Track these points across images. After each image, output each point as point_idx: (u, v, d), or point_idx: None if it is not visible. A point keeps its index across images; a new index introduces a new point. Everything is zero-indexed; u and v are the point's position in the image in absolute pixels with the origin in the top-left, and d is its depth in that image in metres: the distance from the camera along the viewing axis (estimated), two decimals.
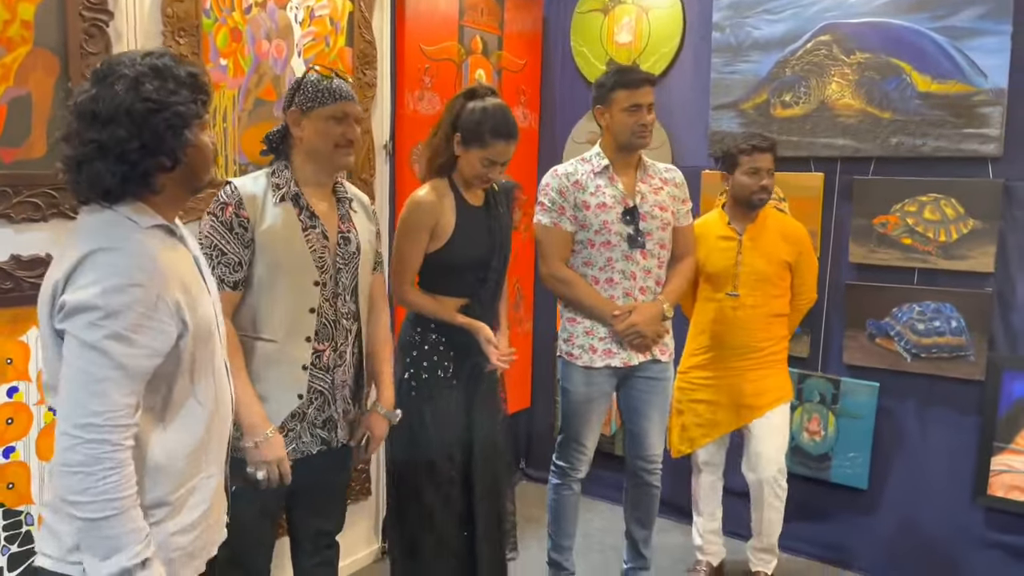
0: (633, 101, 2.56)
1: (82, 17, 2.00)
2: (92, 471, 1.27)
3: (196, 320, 1.42)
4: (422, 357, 2.39)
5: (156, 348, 1.35)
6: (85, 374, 1.29)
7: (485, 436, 2.46)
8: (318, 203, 2.03)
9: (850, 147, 3.11)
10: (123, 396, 1.31)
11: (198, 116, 1.40)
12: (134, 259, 1.33)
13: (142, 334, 1.32)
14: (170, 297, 1.36)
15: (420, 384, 2.38)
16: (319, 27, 2.70)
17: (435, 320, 2.37)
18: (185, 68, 1.42)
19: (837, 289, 3.22)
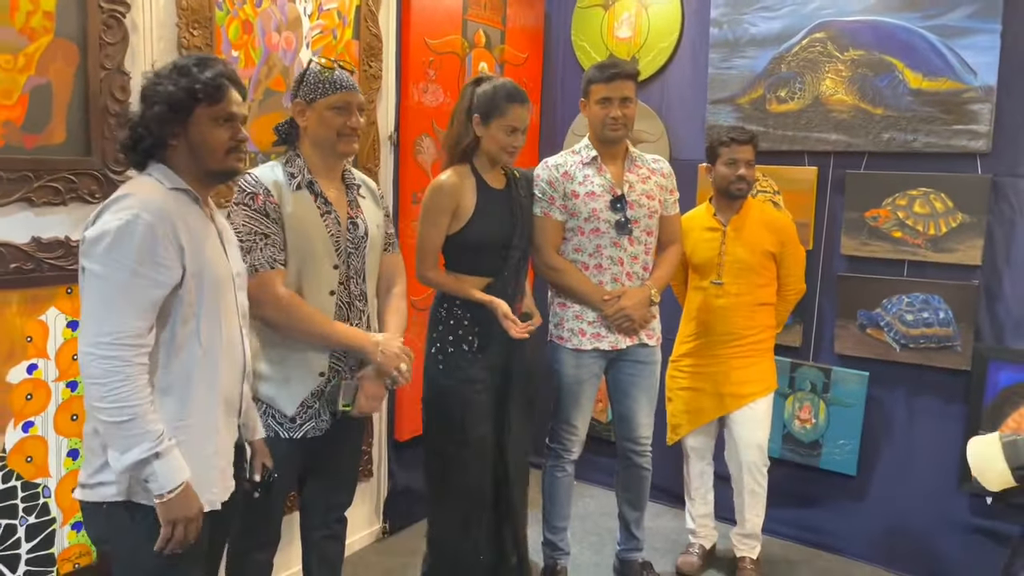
0: (604, 94, 2.66)
1: (101, 8, 2.07)
2: (107, 382, 1.50)
3: (202, 269, 1.63)
4: (447, 331, 2.51)
5: (160, 280, 1.56)
6: (98, 299, 1.53)
7: (515, 405, 2.58)
8: (328, 190, 2.13)
9: (843, 142, 3.19)
10: (132, 319, 1.52)
11: (194, 104, 1.63)
12: (144, 201, 1.56)
13: (146, 266, 1.53)
14: (175, 238, 1.58)
15: (446, 357, 2.50)
16: (327, 20, 2.77)
17: (460, 297, 2.48)
18: (202, 65, 1.66)
19: (829, 280, 3.30)
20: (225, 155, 1.68)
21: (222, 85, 1.65)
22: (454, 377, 2.50)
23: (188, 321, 1.62)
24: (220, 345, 1.69)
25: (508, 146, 2.45)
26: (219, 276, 1.69)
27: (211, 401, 1.68)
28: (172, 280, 1.58)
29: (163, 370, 1.61)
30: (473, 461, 2.51)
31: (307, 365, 2.10)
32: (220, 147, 1.67)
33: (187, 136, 1.66)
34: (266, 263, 1.99)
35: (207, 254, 1.66)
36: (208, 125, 1.65)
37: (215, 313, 1.67)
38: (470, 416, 2.49)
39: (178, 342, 1.62)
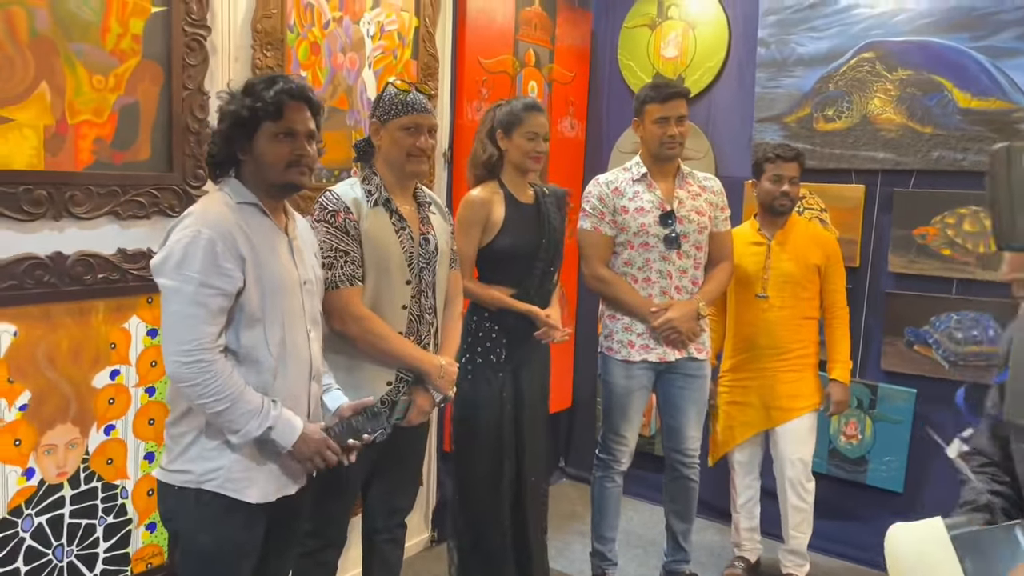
0: (661, 114, 2.74)
1: (184, 32, 2.18)
2: (198, 383, 1.65)
3: (263, 277, 1.74)
4: (477, 343, 2.62)
5: (224, 289, 1.67)
6: (175, 311, 1.66)
7: (534, 412, 2.68)
8: (401, 206, 2.22)
9: (891, 160, 3.22)
10: (206, 326, 1.66)
11: (258, 121, 1.74)
12: (205, 218, 1.69)
13: (211, 276, 1.65)
14: (236, 250, 1.69)
15: (475, 368, 2.61)
16: (388, 41, 2.87)
17: (489, 308, 2.60)
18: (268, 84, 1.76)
19: (876, 297, 3.32)
20: (285, 169, 1.77)
21: (281, 102, 1.74)
22: (481, 389, 2.59)
23: (252, 327, 1.73)
24: (285, 348, 1.79)
25: (532, 151, 2.56)
26: (284, 283, 1.79)
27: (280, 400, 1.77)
28: (235, 288, 1.69)
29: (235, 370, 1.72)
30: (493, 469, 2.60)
31: (376, 374, 2.18)
32: (280, 161, 1.76)
33: (252, 151, 1.77)
34: (346, 280, 2.08)
35: (271, 263, 1.76)
36: (270, 140, 1.76)
37: (279, 318, 1.77)
38: (493, 426, 2.58)
39: (244, 347, 1.73)
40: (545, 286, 2.68)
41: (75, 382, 2.05)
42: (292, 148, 1.77)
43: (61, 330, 2.00)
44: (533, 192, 2.69)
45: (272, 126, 1.75)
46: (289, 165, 1.78)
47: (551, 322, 2.60)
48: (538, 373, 2.74)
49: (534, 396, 2.71)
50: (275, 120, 1.75)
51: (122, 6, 2.03)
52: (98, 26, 1.99)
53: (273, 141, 1.76)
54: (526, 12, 3.51)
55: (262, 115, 1.74)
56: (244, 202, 1.78)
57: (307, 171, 1.82)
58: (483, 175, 2.65)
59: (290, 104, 1.76)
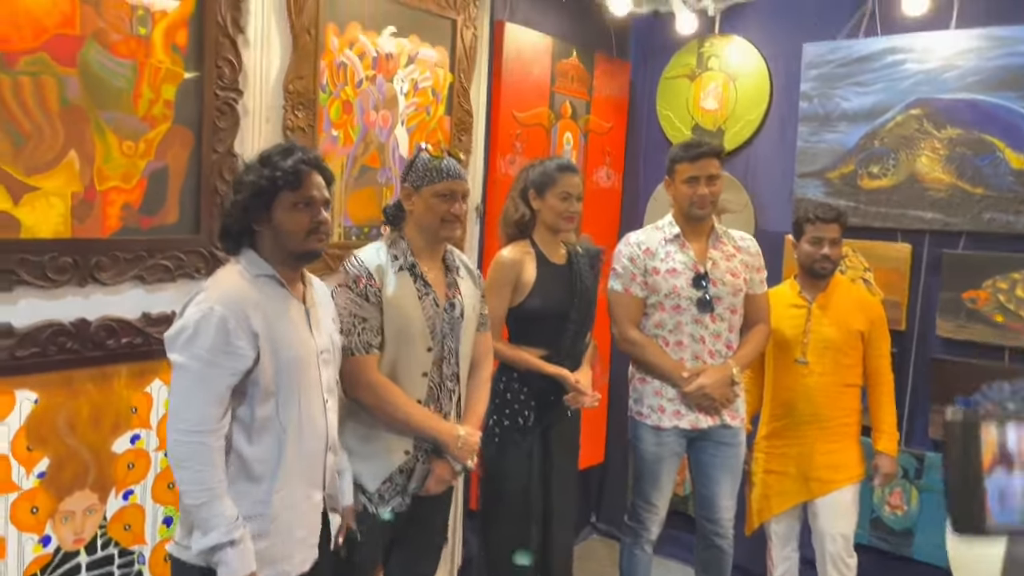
0: (691, 173, 2.67)
1: (216, 96, 2.18)
2: (189, 465, 1.64)
3: (278, 351, 1.73)
4: (505, 405, 2.57)
5: (234, 367, 1.67)
6: (181, 388, 1.67)
7: (562, 476, 2.62)
8: (429, 271, 2.20)
9: (939, 220, 3.10)
10: (209, 406, 1.65)
11: (276, 191, 1.74)
12: (220, 293, 1.69)
13: (221, 355, 1.65)
14: (248, 327, 1.68)
15: (503, 431, 2.56)
16: (422, 98, 2.86)
17: (517, 370, 2.56)
18: (285, 154, 1.77)
19: (923, 362, 3.18)
20: (305, 237, 1.77)
21: (301, 171, 1.75)
22: (509, 451, 2.54)
23: (267, 400, 1.73)
24: (300, 421, 1.78)
25: (565, 212, 2.52)
26: (299, 355, 1.78)
27: (292, 476, 1.77)
28: (245, 366, 1.69)
29: (246, 447, 1.72)
30: (520, 534, 2.54)
31: (393, 443, 2.14)
32: (300, 230, 1.76)
33: (271, 221, 1.77)
34: (362, 347, 2.06)
35: (286, 336, 1.76)
36: (288, 210, 1.76)
37: (293, 391, 1.76)
38: (521, 491, 2.53)
39: (258, 421, 1.73)
40: (576, 348, 2.62)
41: (95, 448, 2.03)
42: (311, 216, 1.78)
43: (82, 396, 1.99)
44: (566, 251, 2.65)
45: (291, 195, 1.76)
46: (309, 233, 1.79)
47: (580, 387, 2.54)
48: (568, 436, 2.67)
49: (563, 459, 2.64)
50: (294, 189, 1.76)
51: (155, 73, 2.04)
52: (130, 93, 2.00)
53: (292, 210, 1.76)
54: (563, 64, 3.49)
55: (281, 184, 1.74)
56: (261, 274, 1.78)
57: (325, 238, 1.83)
58: (515, 234, 2.62)
59: (308, 173, 1.78)
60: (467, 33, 2.99)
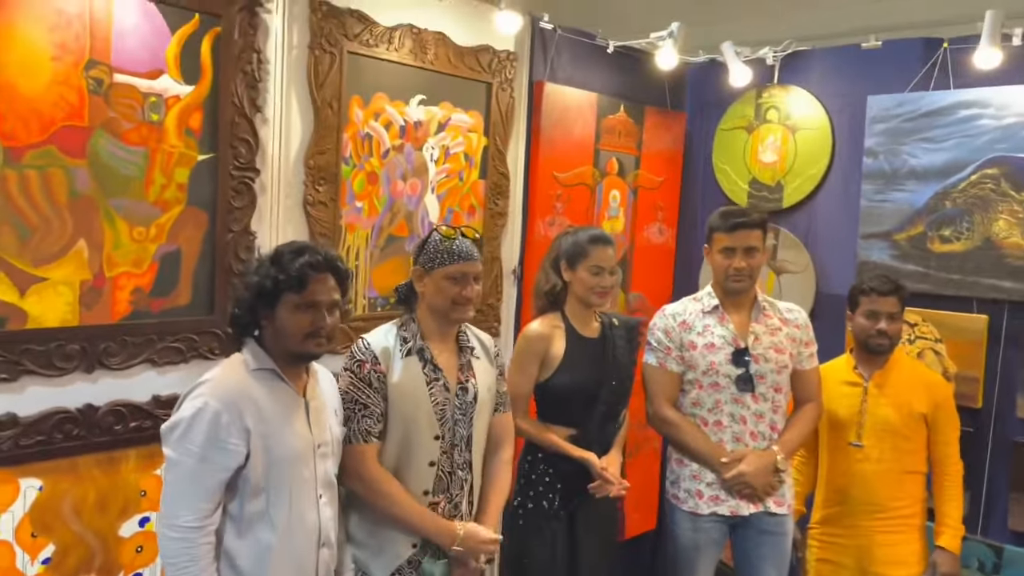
0: (727, 244, 2.49)
1: (231, 176, 2.18)
2: (176, 562, 1.64)
3: (271, 448, 1.71)
4: (529, 486, 2.46)
5: (225, 464, 1.67)
6: (172, 483, 1.67)
7: (590, 565, 2.46)
8: (440, 354, 2.11)
9: (1019, 291, 2.81)
10: (199, 502, 1.65)
11: (280, 292, 1.73)
12: (216, 388, 1.69)
13: (212, 451, 1.65)
14: (241, 423, 1.67)
15: (527, 513, 2.44)
16: (453, 164, 2.80)
17: (543, 450, 2.44)
18: (296, 254, 1.74)
19: (1002, 445, 2.89)
20: (303, 340, 1.76)
21: (305, 276, 1.74)
22: (532, 536, 2.41)
23: (256, 496, 1.71)
24: (290, 517, 1.75)
25: (596, 287, 2.41)
26: (294, 452, 1.76)
27: (282, 572, 1.74)
28: (237, 462, 1.68)
29: (235, 541, 1.71)
30: None
31: (399, 536, 2.05)
32: (299, 332, 1.75)
33: (274, 319, 1.76)
34: (360, 436, 1.99)
35: (282, 432, 1.74)
36: (290, 311, 1.75)
37: (284, 488, 1.74)
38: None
39: (248, 516, 1.71)
40: (607, 430, 2.48)
41: (101, 533, 2.03)
42: (312, 320, 1.77)
43: (88, 482, 1.99)
44: (600, 324, 2.52)
45: (294, 297, 1.75)
46: (307, 336, 1.78)
47: (607, 475, 2.38)
48: (599, 520, 2.49)
49: (592, 546, 2.47)
50: (298, 292, 1.75)
51: (167, 158, 2.05)
52: (141, 180, 2.01)
53: (294, 312, 1.76)
54: (610, 120, 3.37)
55: (284, 287, 1.74)
56: (261, 368, 1.77)
57: (325, 342, 1.81)
58: (545, 306, 2.52)
59: (315, 276, 1.77)
60: (503, 96, 2.92)
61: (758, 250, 2.52)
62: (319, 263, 1.76)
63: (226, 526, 1.72)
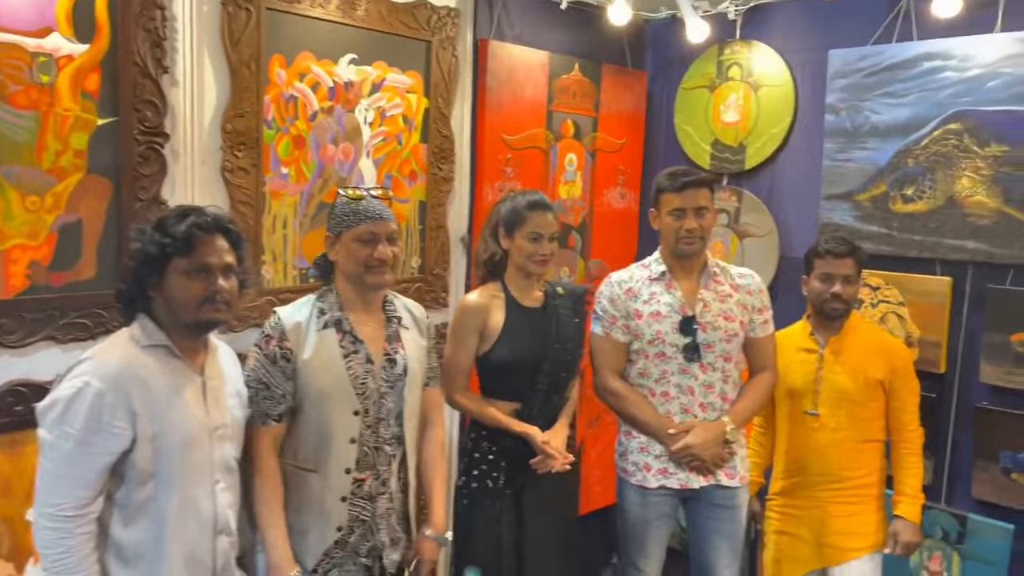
0: (677, 204, 2.37)
1: (137, 141, 2.06)
2: (50, 553, 1.54)
3: (162, 431, 1.61)
4: (473, 465, 2.38)
5: (107, 449, 1.56)
6: (47, 467, 1.56)
7: (539, 546, 2.37)
8: (363, 325, 2.02)
9: (983, 251, 2.70)
10: (76, 489, 1.54)
11: (166, 258, 1.63)
12: (99, 366, 1.58)
13: (93, 434, 1.54)
14: (127, 404, 1.57)
15: (471, 493, 2.37)
16: (391, 126, 2.67)
17: (486, 427, 2.36)
18: (179, 217, 1.65)
19: (966, 411, 2.79)
20: (198, 307, 1.65)
21: (193, 237, 1.63)
22: (477, 517, 2.33)
23: (144, 483, 1.61)
24: (182, 504, 1.65)
25: (535, 254, 2.30)
26: (187, 435, 1.66)
27: (175, 562, 1.65)
28: (121, 446, 1.58)
29: (122, 531, 1.61)
30: None
31: (325, 517, 1.98)
32: (192, 299, 1.65)
33: (163, 289, 1.66)
34: (258, 418, 1.91)
35: (173, 414, 1.64)
36: (180, 277, 1.64)
37: (176, 474, 1.64)
38: (490, 561, 2.31)
39: (135, 504, 1.61)
40: (552, 403, 2.38)
41: (7, 517, 1.95)
42: (205, 284, 1.66)
43: None
44: (543, 293, 2.41)
45: (183, 262, 1.64)
46: (202, 303, 1.66)
47: (549, 449, 2.28)
48: (549, 498, 2.38)
49: (541, 525, 2.37)
50: (186, 255, 1.64)
51: (61, 122, 1.93)
52: (32, 146, 1.89)
53: (185, 278, 1.65)
54: (563, 80, 3.23)
55: (171, 251, 1.63)
56: (153, 344, 1.66)
57: (223, 307, 1.70)
58: (486, 275, 2.41)
59: (203, 238, 1.65)
60: (444, 55, 2.78)
61: (708, 210, 2.40)
62: (207, 224, 1.66)
63: (112, 514, 1.62)
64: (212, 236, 1.67)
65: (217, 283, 1.66)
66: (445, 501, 2.23)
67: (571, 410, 2.46)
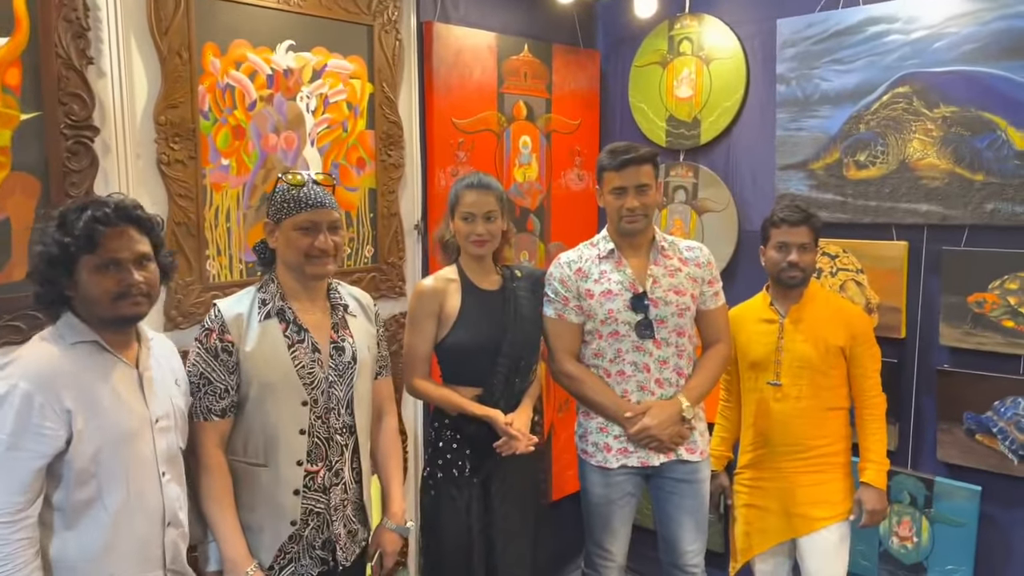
0: (618, 183, 2.36)
1: (64, 136, 1.99)
2: None
3: (99, 428, 1.55)
4: (437, 455, 2.34)
5: (40, 451, 1.50)
6: None
7: (508, 533, 2.34)
8: (307, 314, 1.97)
9: (937, 213, 2.69)
10: (10, 495, 1.48)
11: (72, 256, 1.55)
12: (26, 367, 1.52)
13: (24, 437, 1.49)
14: (58, 404, 1.51)
15: (436, 483, 2.33)
16: (335, 113, 2.62)
17: (449, 415, 2.32)
18: (79, 212, 1.57)
19: (927, 375, 2.79)
20: (112, 303, 1.59)
21: (94, 233, 1.55)
22: (444, 507, 2.30)
23: (86, 483, 1.56)
24: (128, 501, 1.61)
25: (469, 234, 2.27)
26: (126, 429, 1.61)
27: (123, 561, 1.61)
28: (55, 448, 1.52)
29: (65, 532, 1.56)
30: None
31: (278, 512, 1.93)
32: (105, 296, 1.58)
33: (77, 287, 1.59)
34: (201, 413, 1.87)
35: (109, 410, 1.59)
36: (90, 275, 1.58)
37: (118, 469, 1.60)
38: (459, 550, 2.28)
39: (77, 505, 1.56)
40: (513, 387, 2.34)
41: None
42: (118, 280, 1.59)
43: None
44: (500, 276, 2.37)
45: (90, 259, 1.57)
46: (116, 299, 1.59)
47: (512, 431, 2.24)
48: (517, 483, 2.35)
49: (509, 512, 2.33)
50: (91, 252, 1.56)
51: None
52: None
53: (95, 275, 1.58)
54: (513, 62, 3.19)
55: (75, 250, 1.55)
56: (79, 341, 1.60)
57: (142, 300, 1.63)
58: (444, 259, 2.39)
59: (106, 231, 1.57)
60: (387, 39, 2.73)
61: (650, 187, 2.38)
62: (106, 216, 1.57)
63: (53, 518, 1.56)
64: (117, 227, 1.59)
65: (131, 277, 1.59)
66: (403, 491, 2.20)
67: (535, 393, 2.42)
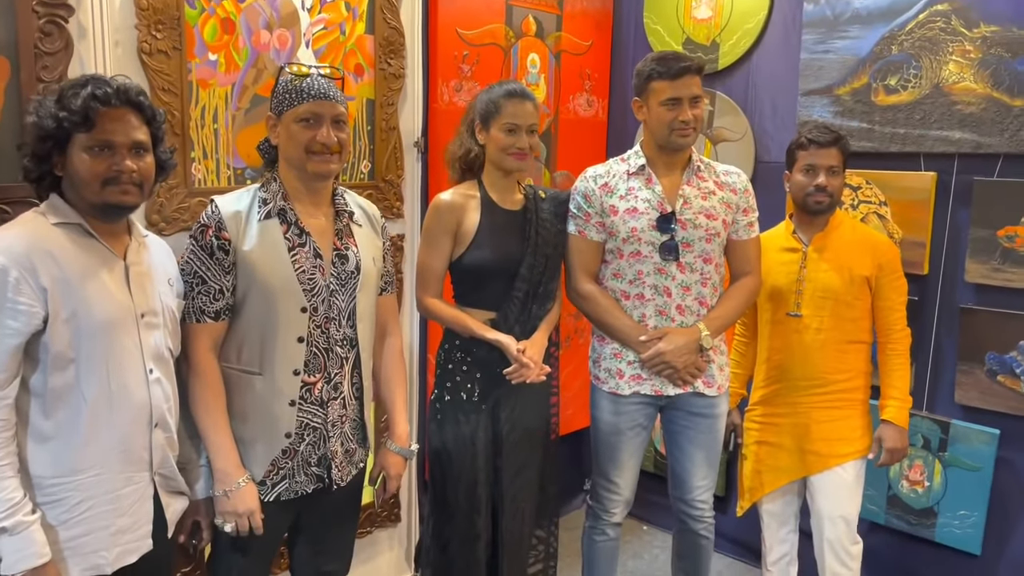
0: (671, 94, 2.18)
1: (36, 13, 1.80)
2: None
3: (77, 311, 1.48)
4: (446, 377, 2.23)
5: (16, 328, 1.43)
6: None
7: (515, 462, 2.25)
8: (310, 218, 1.85)
9: (970, 141, 2.54)
10: None
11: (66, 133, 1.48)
12: (3, 242, 1.44)
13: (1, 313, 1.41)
14: (34, 280, 1.44)
15: (444, 407, 2.22)
16: (332, 13, 2.42)
17: (460, 337, 2.20)
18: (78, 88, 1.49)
19: (949, 313, 2.66)
20: (101, 188, 1.51)
21: (91, 111, 1.47)
22: (450, 432, 2.20)
23: (63, 368, 1.49)
24: (109, 392, 1.53)
25: (510, 147, 2.13)
26: (108, 317, 1.53)
27: (104, 456, 1.54)
28: (32, 325, 1.45)
29: (41, 421, 1.49)
30: (466, 526, 2.21)
31: (272, 424, 1.82)
32: (94, 179, 1.51)
33: (66, 166, 1.50)
34: (193, 314, 1.75)
35: (91, 294, 1.51)
36: (82, 154, 1.51)
37: (100, 357, 1.52)
38: (464, 478, 2.19)
39: (54, 391, 1.49)
40: (529, 313, 2.21)
41: None
42: (109, 163, 1.50)
43: None
44: (523, 196, 2.24)
45: (84, 138, 1.49)
46: (105, 183, 1.51)
47: (524, 358, 2.12)
48: (526, 412, 2.24)
49: (517, 441, 2.24)
50: (86, 130, 1.47)
51: None
52: None
53: (86, 155, 1.50)
54: None
55: (68, 126, 1.46)
56: (64, 222, 1.53)
57: (133, 189, 1.54)
58: (461, 174, 2.25)
59: (104, 112, 1.49)
60: None
61: (703, 99, 2.24)
62: (106, 96, 1.49)
63: (30, 405, 1.48)
64: (117, 109, 1.51)
65: (122, 162, 1.52)
66: (407, 413, 2.09)
67: (553, 320, 2.29)
